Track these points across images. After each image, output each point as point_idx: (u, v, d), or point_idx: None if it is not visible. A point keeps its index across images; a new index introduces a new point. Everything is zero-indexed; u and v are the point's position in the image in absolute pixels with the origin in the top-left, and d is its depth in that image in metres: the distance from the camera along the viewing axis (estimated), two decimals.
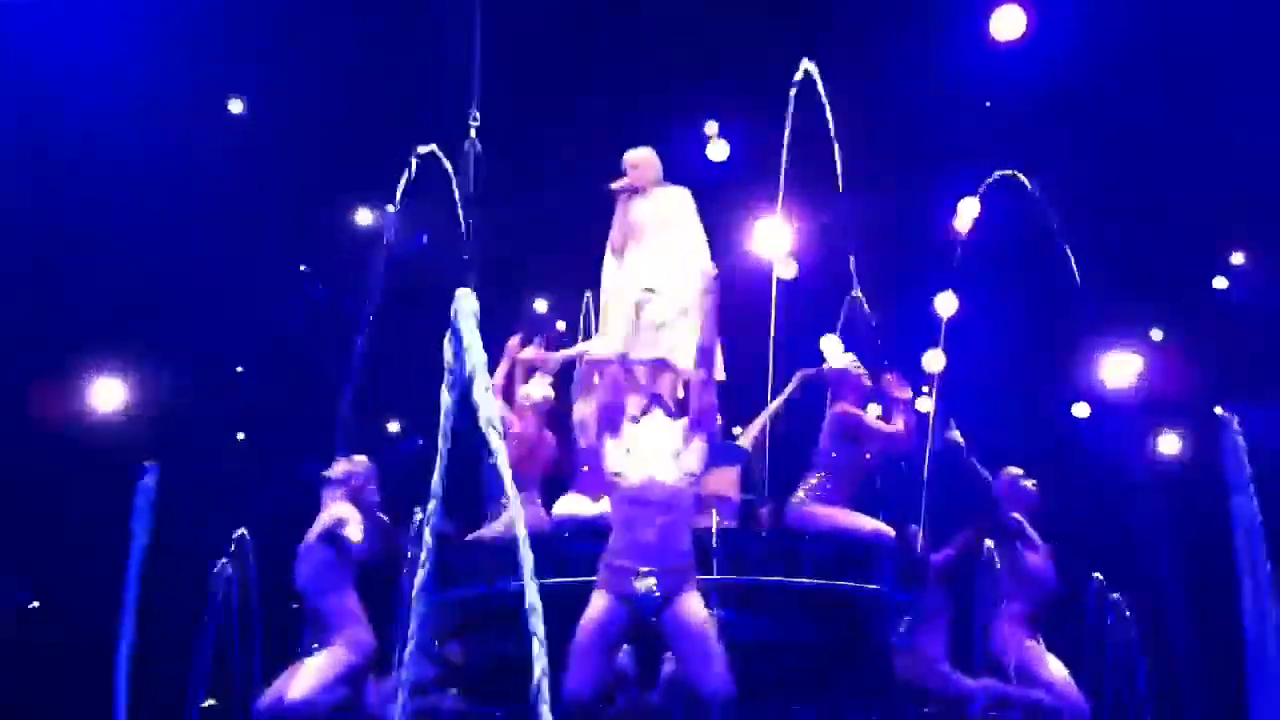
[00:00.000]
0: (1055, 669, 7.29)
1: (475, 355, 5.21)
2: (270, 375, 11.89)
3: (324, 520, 7.00)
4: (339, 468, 7.27)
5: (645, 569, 6.06)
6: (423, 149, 8.63)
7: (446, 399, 5.28)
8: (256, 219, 11.72)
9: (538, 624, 4.74)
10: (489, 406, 5.13)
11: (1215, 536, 6.44)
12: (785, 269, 8.08)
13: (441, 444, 5.27)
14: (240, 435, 9.37)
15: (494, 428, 5.11)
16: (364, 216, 12.67)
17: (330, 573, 6.95)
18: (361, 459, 7.33)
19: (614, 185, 7.98)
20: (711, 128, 9.89)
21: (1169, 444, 12.04)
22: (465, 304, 5.30)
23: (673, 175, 8.09)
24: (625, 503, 6.19)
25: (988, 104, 12.33)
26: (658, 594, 6.01)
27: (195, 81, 11.31)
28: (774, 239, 8.46)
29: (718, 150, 10.69)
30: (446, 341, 5.31)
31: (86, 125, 10.83)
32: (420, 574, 5.14)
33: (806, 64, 7.93)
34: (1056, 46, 11.56)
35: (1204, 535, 7.09)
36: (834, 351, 7.98)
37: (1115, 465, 9.80)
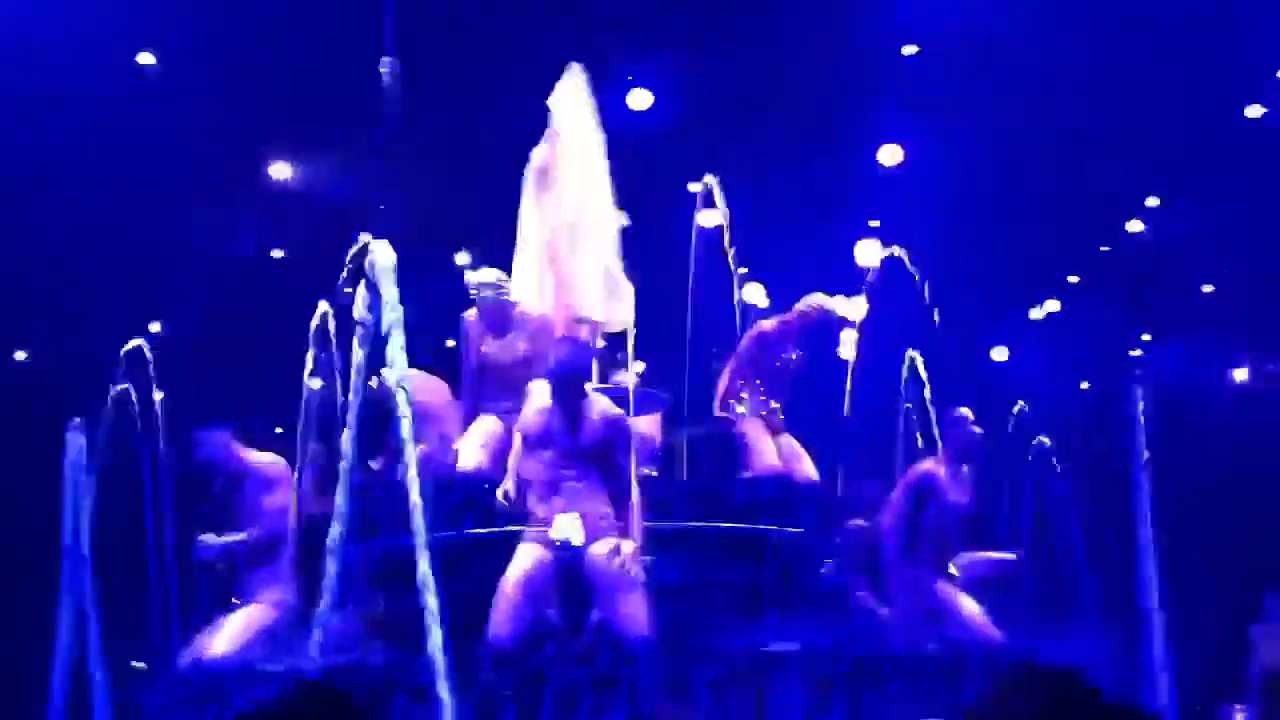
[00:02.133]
0: (968, 606, 7.40)
1: (391, 311, 5.15)
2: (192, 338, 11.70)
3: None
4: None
5: (567, 515, 6.11)
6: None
7: (358, 353, 5.24)
8: (173, 176, 11.51)
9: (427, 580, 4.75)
10: (401, 364, 5.09)
11: None
12: (707, 219, 8.06)
13: (353, 399, 5.23)
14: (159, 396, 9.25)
15: (403, 388, 5.08)
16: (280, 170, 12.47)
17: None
18: None
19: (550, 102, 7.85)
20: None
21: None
22: (382, 256, 5.25)
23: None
24: (542, 474, 6.28)
25: (907, 50, 12.36)
26: (577, 544, 6.07)
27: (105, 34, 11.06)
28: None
29: (639, 100, 10.69)
30: (359, 295, 5.25)
31: None
32: (336, 527, 5.13)
33: None
34: None
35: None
36: (756, 295, 8.04)
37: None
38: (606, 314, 7.54)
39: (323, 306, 7.02)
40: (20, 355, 12.25)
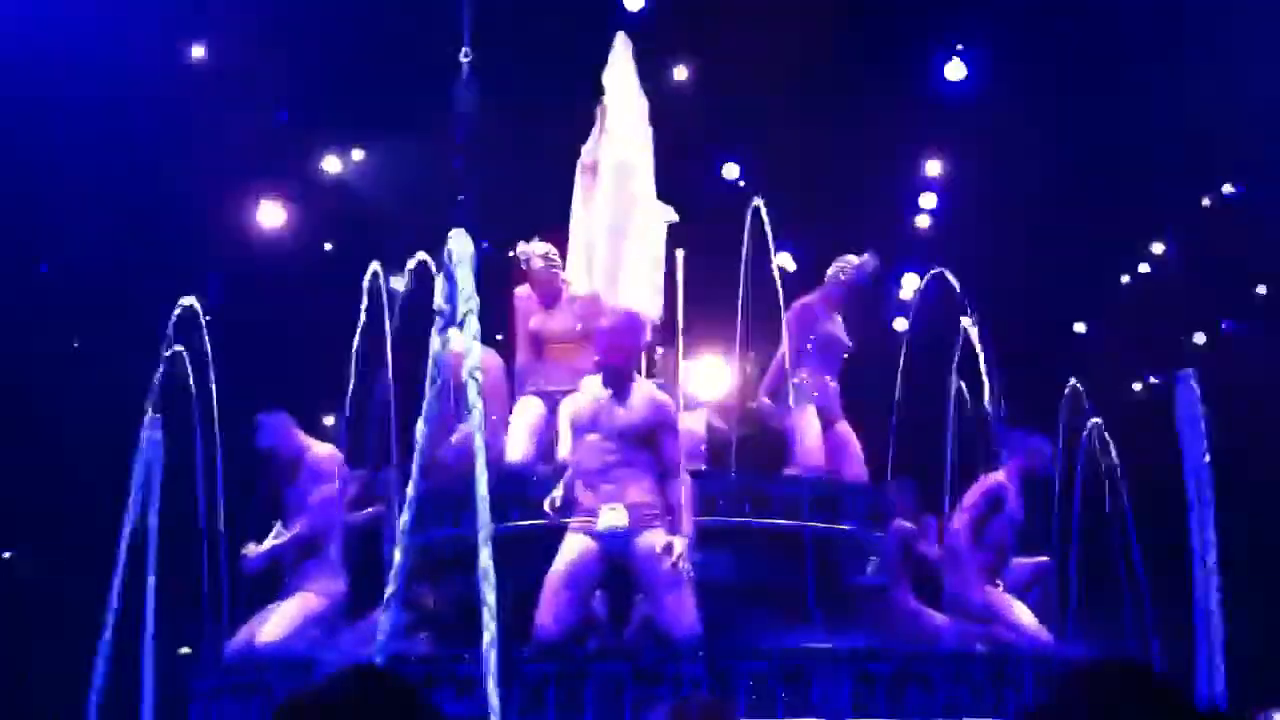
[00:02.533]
0: (1021, 612, 7.35)
1: (467, 300, 5.12)
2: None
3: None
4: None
5: (611, 505, 6.09)
6: None
7: (436, 343, 5.23)
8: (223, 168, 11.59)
9: (488, 584, 4.74)
10: (475, 355, 5.07)
11: None
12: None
13: (430, 391, 5.22)
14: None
15: (474, 379, 5.05)
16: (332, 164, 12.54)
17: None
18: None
19: (600, 104, 7.92)
20: None
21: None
22: (460, 246, 5.21)
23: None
24: (587, 459, 6.24)
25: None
26: (620, 530, 6.04)
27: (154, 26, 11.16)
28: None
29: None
30: (438, 284, 5.23)
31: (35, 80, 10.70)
32: (405, 515, 5.12)
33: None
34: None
35: None
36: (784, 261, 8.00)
37: None
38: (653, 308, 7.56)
39: (374, 266, 7.06)
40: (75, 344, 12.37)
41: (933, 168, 12.75)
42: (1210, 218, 12.71)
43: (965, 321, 7.71)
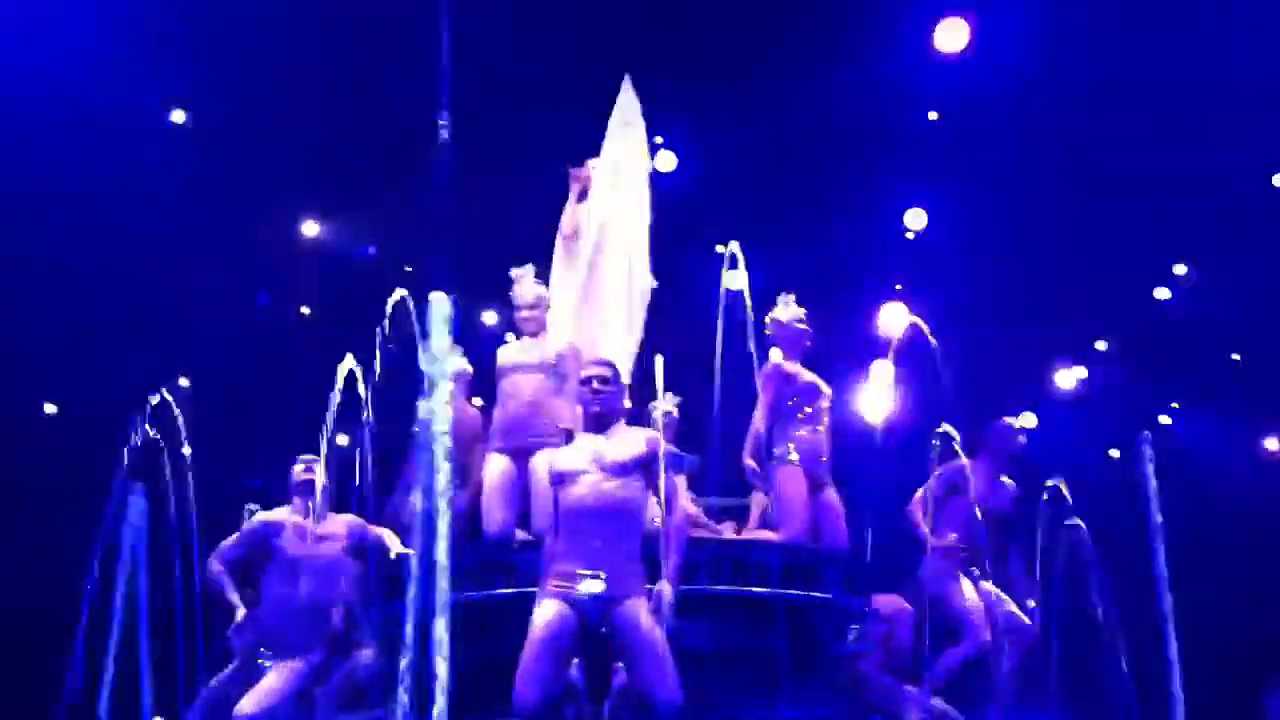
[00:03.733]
0: (969, 597, 7.36)
1: (442, 364, 5.15)
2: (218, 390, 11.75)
3: (343, 530, 7.04)
4: (302, 471, 7.29)
5: (589, 572, 6.03)
6: None
7: (424, 406, 5.25)
8: (202, 233, 11.59)
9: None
10: (444, 417, 5.08)
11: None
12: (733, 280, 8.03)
13: (424, 454, 5.23)
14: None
15: (444, 441, 5.06)
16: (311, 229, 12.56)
17: (350, 585, 7.06)
18: (311, 456, 7.33)
19: (575, 170, 7.98)
20: None
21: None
22: (437, 307, 5.25)
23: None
24: (571, 512, 6.15)
25: (932, 115, 12.44)
26: (600, 596, 5.99)
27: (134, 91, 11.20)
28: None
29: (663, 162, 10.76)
30: (423, 350, 5.27)
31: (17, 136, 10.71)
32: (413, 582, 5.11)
33: None
34: (999, 58, 11.73)
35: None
36: (789, 306, 7.97)
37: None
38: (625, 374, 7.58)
39: (348, 361, 7.06)
40: (50, 409, 12.29)
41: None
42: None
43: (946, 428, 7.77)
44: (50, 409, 12.29)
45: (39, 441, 11.64)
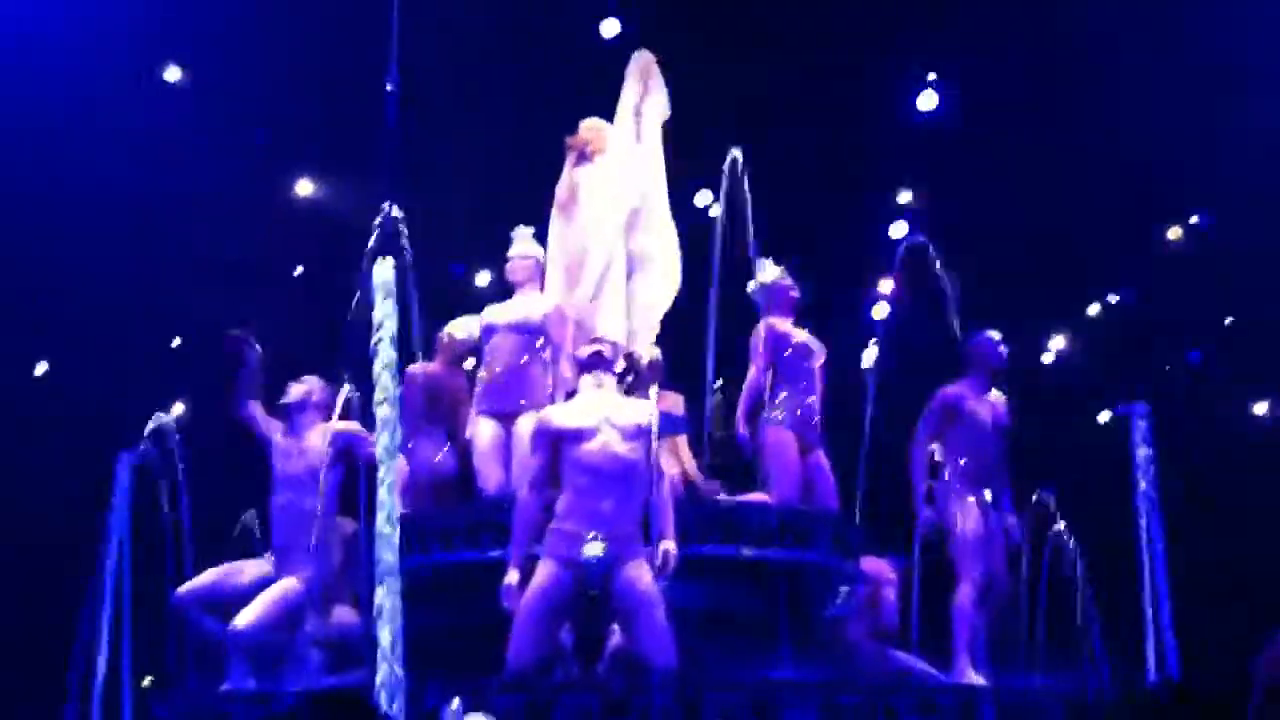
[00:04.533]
0: (972, 527, 7.41)
1: (385, 327, 5.23)
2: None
3: (328, 437, 7.04)
4: (298, 389, 7.28)
5: (592, 534, 6.04)
6: None
7: (378, 366, 5.32)
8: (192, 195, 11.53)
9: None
10: (385, 385, 5.15)
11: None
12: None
13: (391, 411, 5.29)
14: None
15: (386, 406, 5.14)
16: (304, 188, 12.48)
17: (337, 495, 7.10)
18: (313, 377, 7.35)
19: (571, 139, 7.98)
20: None
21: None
22: (381, 273, 5.33)
23: None
24: (581, 470, 6.16)
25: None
26: (603, 558, 6.00)
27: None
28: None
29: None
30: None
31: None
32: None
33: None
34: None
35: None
36: (767, 269, 7.95)
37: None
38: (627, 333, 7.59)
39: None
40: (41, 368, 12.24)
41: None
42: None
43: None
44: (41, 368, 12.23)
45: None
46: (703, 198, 7.84)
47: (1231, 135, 11.47)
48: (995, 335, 7.85)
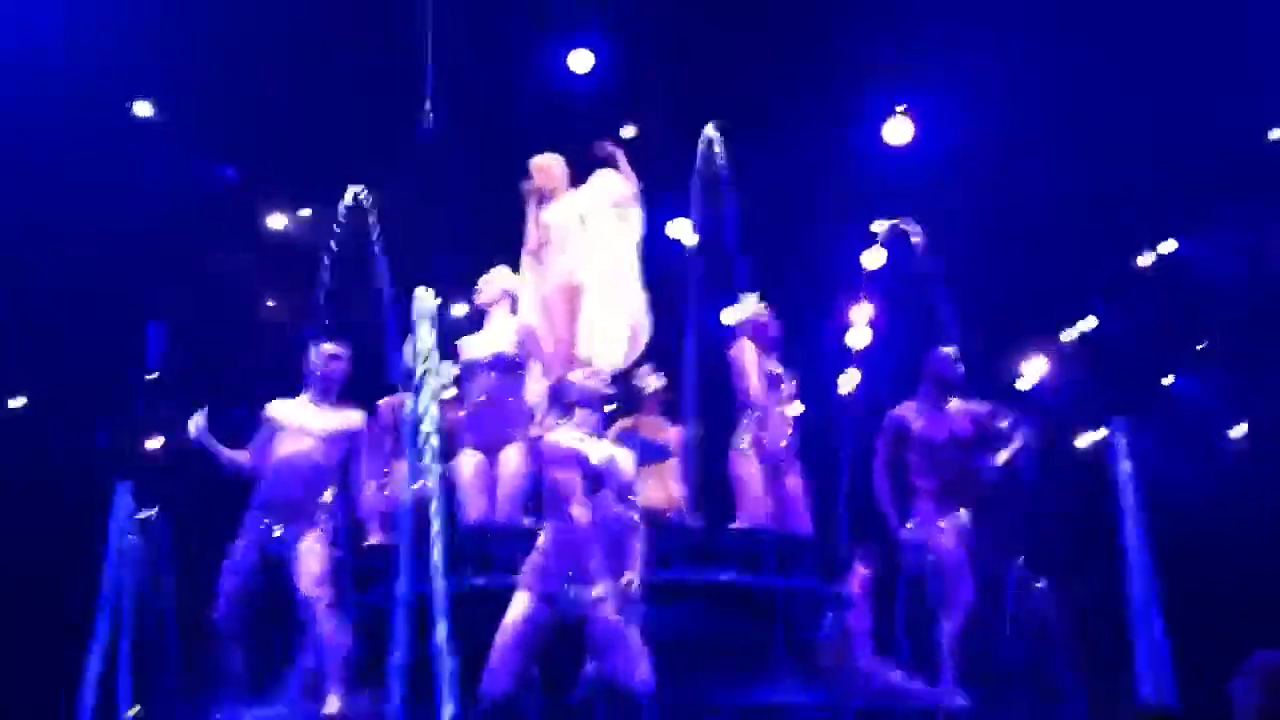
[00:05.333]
0: (948, 549, 7.42)
1: (426, 360, 5.21)
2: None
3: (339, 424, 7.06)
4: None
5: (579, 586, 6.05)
6: None
7: (408, 402, 5.32)
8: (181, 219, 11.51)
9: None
10: (432, 415, 5.15)
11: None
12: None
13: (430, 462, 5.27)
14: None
15: (432, 438, 5.13)
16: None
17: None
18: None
19: (525, 183, 7.99)
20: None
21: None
22: (421, 304, 5.30)
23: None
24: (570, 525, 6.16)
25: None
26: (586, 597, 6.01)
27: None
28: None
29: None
30: (408, 343, 5.31)
31: None
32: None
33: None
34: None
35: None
36: (746, 302, 7.97)
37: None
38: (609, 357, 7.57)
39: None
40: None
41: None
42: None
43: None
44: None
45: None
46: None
47: (1202, 163, 11.57)
48: (948, 350, 7.83)
